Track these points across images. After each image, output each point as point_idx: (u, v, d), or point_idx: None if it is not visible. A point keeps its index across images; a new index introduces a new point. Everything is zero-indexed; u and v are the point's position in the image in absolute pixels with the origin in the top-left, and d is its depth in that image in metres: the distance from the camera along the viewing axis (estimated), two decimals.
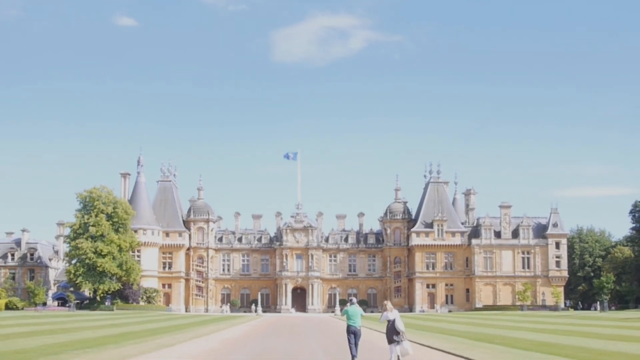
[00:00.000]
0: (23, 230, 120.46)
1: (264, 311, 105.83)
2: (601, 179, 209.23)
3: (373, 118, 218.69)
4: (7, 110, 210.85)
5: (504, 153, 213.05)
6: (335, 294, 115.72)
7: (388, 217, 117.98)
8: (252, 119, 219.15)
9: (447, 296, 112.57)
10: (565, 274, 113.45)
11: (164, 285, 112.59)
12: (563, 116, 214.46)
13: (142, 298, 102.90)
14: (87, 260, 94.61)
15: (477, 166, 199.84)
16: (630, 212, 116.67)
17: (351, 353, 21.38)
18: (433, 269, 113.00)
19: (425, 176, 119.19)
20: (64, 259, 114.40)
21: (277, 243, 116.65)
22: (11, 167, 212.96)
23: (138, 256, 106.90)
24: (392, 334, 20.84)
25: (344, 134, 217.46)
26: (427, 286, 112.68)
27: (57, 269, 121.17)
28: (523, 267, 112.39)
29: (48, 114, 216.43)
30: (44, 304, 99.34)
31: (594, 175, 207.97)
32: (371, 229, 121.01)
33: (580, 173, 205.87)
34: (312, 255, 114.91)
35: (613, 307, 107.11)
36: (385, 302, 22.67)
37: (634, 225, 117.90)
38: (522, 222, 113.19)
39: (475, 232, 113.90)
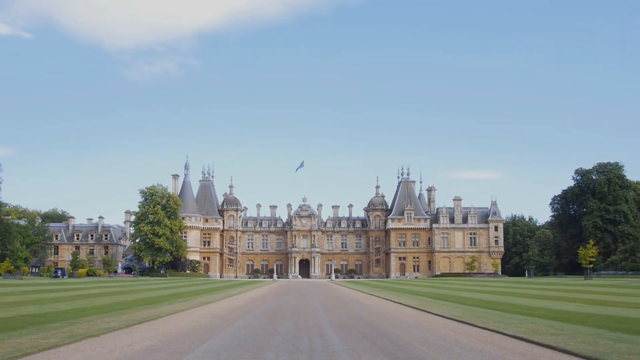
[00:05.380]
0: (100, 217, 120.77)
1: (277, 277, 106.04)
2: (531, 179, 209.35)
3: (362, 131, 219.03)
4: (88, 134, 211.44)
5: (459, 160, 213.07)
6: (331, 265, 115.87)
7: (371, 207, 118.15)
8: (270, 132, 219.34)
9: (414, 266, 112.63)
10: (502, 249, 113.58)
11: (204, 258, 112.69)
12: (501, 134, 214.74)
13: (187, 267, 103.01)
14: (147, 239, 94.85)
15: (437, 169, 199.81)
16: (550, 204, 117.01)
17: None
18: (404, 246, 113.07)
19: (398, 177, 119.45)
20: (130, 239, 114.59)
21: (288, 227, 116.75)
22: (92, 170, 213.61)
23: (185, 236, 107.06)
24: None
25: (340, 143, 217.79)
26: (400, 259, 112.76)
27: (125, 246, 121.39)
28: (471, 245, 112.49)
29: (116, 132, 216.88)
30: (115, 272, 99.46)
31: (526, 176, 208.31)
32: (358, 216, 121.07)
33: (515, 175, 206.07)
34: (314, 236, 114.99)
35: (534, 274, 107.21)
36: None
37: (552, 214, 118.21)
38: (470, 211, 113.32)
39: (435, 219, 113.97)
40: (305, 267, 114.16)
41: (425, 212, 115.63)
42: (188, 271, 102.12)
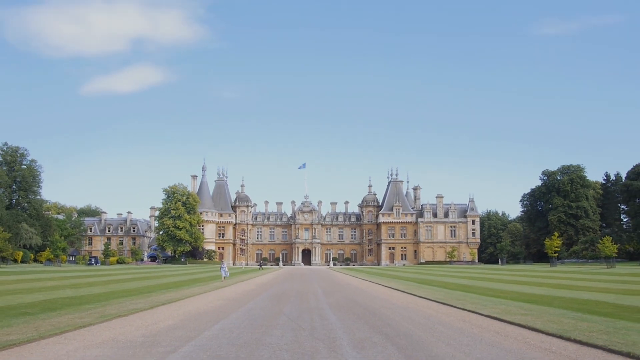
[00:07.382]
0: (128, 212, 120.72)
1: (283, 265, 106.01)
2: (502, 177, 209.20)
3: (357, 137, 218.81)
4: (119, 140, 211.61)
5: (441, 162, 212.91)
6: (330, 254, 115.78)
7: (364, 204, 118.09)
8: (277, 138, 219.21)
9: (402, 255, 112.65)
10: (478, 240, 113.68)
11: (218, 248, 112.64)
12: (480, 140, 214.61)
13: (205, 256, 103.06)
14: (169, 232, 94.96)
15: (422, 170, 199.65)
16: (520, 201, 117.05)
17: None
18: (393, 237, 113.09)
19: (388, 177, 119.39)
20: (154, 231, 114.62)
21: (292, 221, 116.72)
22: (122, 171, 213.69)
23: (202, 229, 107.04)
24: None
25: (337, 148, 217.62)
26: (389, 248, 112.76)
27: (150, 237, 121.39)
28: (451, 236, 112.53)
29: (142, 138, 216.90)
30: (142, 260, 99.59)
31: (499, 176, 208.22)
32: (353, 212, 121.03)
33: (490, 175, 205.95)
34: (315, 229, 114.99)
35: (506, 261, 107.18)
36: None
37: (522, 209, 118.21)
38: (450, 207, 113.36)
39: (420, 214, 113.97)
40: (307, 256, 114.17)
41: (412, 208, 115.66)
42: (205, 259, 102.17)
